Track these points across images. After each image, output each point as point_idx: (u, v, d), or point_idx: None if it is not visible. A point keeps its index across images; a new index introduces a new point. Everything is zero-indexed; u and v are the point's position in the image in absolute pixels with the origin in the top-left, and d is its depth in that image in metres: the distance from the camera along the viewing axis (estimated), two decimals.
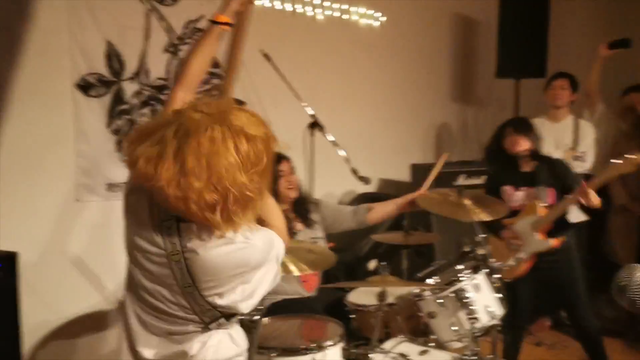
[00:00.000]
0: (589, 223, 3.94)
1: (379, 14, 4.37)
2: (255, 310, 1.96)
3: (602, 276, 4.55)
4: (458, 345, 2.59)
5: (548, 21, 4.53)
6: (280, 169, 2.97)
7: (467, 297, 2.53)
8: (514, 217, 3.09)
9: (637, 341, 3.94)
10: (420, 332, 2.85)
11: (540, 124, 4.09)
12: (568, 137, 4.02)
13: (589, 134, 4.01)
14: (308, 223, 3.06)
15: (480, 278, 2.61)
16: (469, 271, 2.66)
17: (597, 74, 4.18)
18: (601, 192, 4.16)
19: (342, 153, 3.41)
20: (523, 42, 4.48)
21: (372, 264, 3.67)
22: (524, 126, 3.18)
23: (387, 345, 2.55)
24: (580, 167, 3.89)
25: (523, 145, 3.11)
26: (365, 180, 3.43)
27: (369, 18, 4.35)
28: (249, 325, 1.93)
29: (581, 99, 4.20)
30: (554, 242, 2.99)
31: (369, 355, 2.34)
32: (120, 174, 2.51)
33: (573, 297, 3.13)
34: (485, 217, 2.79)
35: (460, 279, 2.59)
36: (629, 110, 4.18)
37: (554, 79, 4.07)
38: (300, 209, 3.07)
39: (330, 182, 3.88)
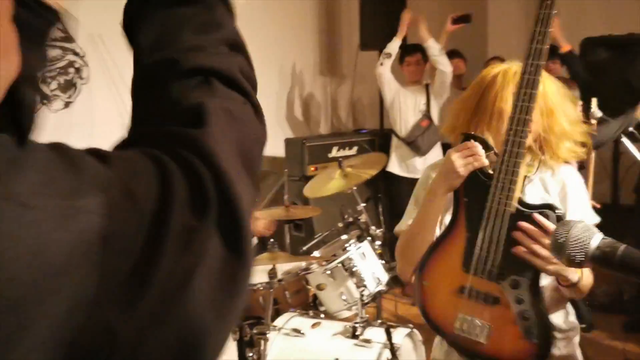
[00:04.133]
0: None
1: None
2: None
3: None
4: (348, 314, 2.64)
5: None
6: None
7: (354, 266, 2.57)
8: None
9: None
10: (308, 305, 2.87)
11: (397, 91, 4.25)
12: (422, 102, 4.22)
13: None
14: None
15: (365, 246, 2.67)
16: (354, 240, 2.70)
17: (443, 47, 4.39)
18: None
19: None
20: (384, 14, 4.60)
21: (253, 242, 3.63)
22: None
23: (279, 322, 2.53)
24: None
25: None
26: None
27: None
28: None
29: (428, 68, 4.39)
30: None
31: (266, 334, 2.30)
32: None
33: None
34: (373, 171, 2.87)
35: (346, 248, 2.62)
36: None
37: (407, 55, 4.20)
38: None
39: None
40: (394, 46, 4.14)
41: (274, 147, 4.46)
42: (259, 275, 2.76)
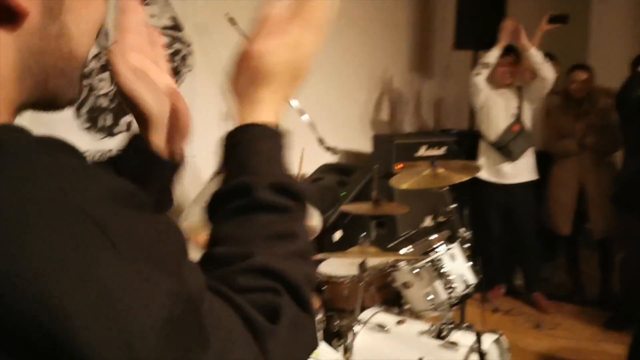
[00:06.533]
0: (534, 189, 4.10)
1: None
2: None
3: (546, 245, 4.77)
4: (433, 314, 2.62)
5: None
6: None
7: (443, 267, 2.55)
8: None
9: (583, 304, 4.14)
10: (391, 302, 2.87)
11: (488, 95, 4.10)
12: (514, 105, 4.08)
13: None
14: None
15: (455, 247, 2.64)
16: (443, 241, 2.68)
17: (536, 46, 4.20)
18: (544, 165, 4.29)
19: (309, 125, 3.34)
20: (481, 13, 4.51)
21: (337, 235, 3.66)
22: None
23: (363, 316, 2.55)
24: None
25: None
26: (332, 150, 3.38)
27: None
28: None
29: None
30: None
31: (353, 326, 2.32)
32: (78, 141, 2.34)
33: None
34: (464, 177, 2.81)
35: (436, 249, 2.60)
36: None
37: (501, 56, 4.01)
38: None
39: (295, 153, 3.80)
40: (493, 56, 3.99)
41: (362, 143, 4.48)
42: (345, 268, 2.79)
